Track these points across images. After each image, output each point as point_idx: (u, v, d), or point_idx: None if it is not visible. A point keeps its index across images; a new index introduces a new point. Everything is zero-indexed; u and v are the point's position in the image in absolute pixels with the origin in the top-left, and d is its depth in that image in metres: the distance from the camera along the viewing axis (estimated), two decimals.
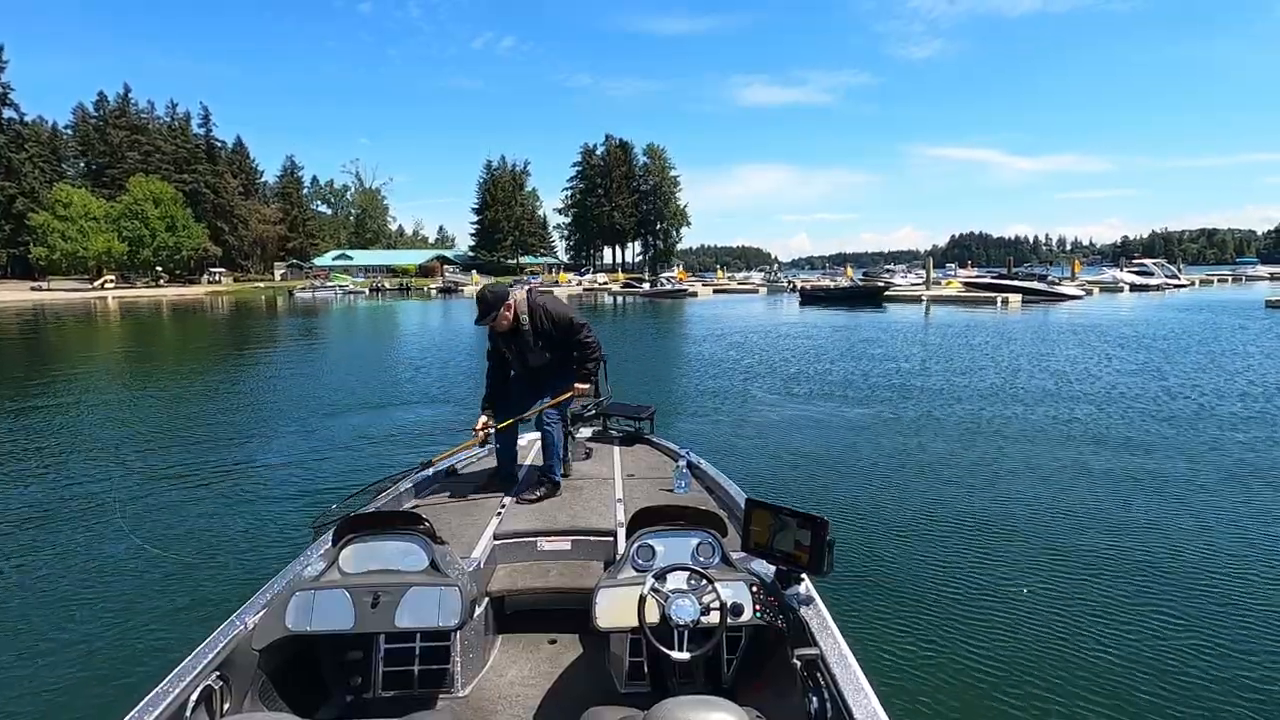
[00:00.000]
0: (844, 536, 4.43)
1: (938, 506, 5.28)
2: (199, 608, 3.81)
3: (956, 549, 4.49)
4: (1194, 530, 4.74)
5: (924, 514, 5.12)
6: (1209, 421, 7.97)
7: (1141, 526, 4.83)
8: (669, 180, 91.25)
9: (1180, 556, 4.32)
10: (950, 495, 5.54)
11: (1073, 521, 4.94)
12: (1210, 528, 4.78)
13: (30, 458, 7.44)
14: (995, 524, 4.91)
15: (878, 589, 3.91)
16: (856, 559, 4.27)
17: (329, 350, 19.50)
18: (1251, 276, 60.25)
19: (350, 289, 62.13)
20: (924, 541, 4.61)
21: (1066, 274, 48.58)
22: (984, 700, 2.93)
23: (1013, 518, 5.03)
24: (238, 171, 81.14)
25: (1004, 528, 4.84)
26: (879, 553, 4.42)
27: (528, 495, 3.40)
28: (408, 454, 7.06)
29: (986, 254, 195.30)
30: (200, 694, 1.80)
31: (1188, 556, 4.32)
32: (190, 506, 5.69)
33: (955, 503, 5.37)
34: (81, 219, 62.09)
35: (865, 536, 4.67)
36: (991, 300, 33.29)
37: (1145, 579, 4.01)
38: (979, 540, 4.62)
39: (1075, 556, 4.34)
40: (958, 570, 4.16)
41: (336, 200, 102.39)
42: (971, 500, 5.42)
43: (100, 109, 73.97)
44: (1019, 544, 4.55)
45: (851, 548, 4.38)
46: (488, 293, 3.41)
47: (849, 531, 4.68)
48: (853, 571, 4.07)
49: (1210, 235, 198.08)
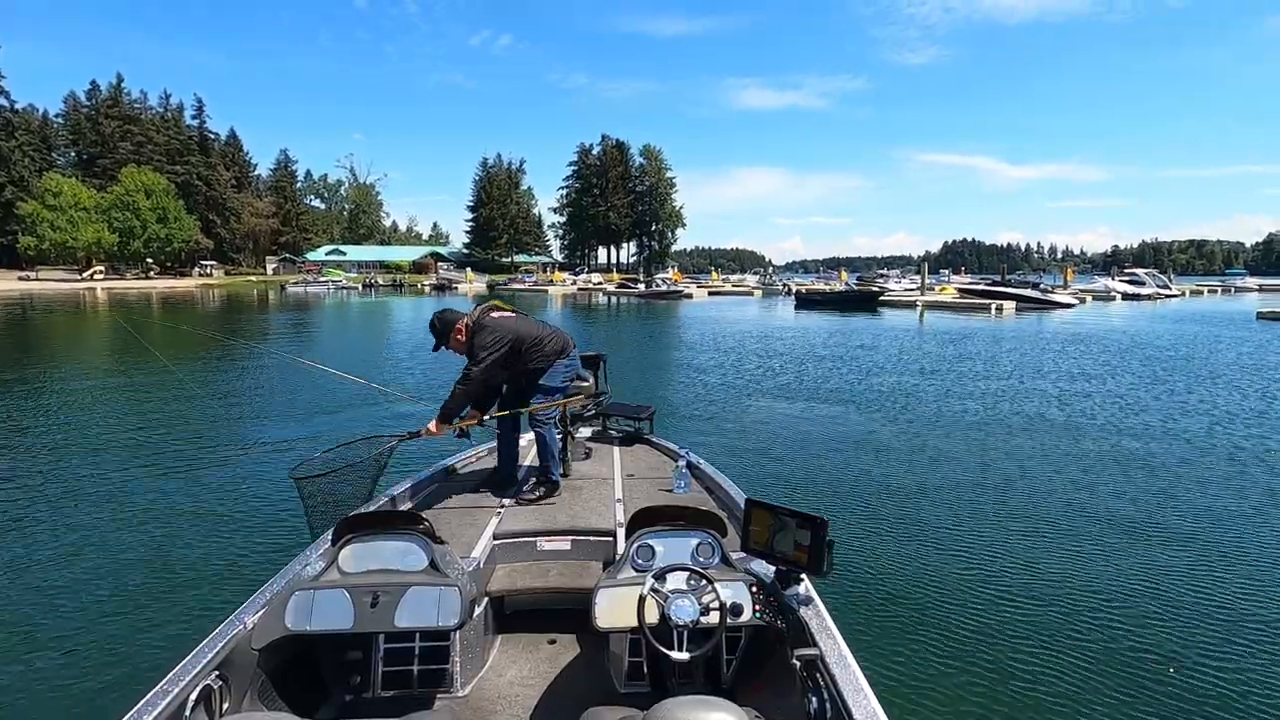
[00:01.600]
0: (844, 537, 4.45)
1: (937, 507, 5.31)
2: (198, 607, 3.80)
3: (956, 549, 4.51)
4: (1197, 530, 4.75)
5: (924, 515, 5.14)
6: (1222, 437, 7.69)
7: (1143, 527, 4.85)
8: (665, 181, 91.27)
9: (1184, 557, 4.33)
10: (950, 497, 5.57)
11: (1074, 523, 4.96)
12: (1216, 532, 4.76)
13: (25, 456, 7.36)
14: (995, 524, 4.94)
15: (878, 589, 3.92)
16: (856, 559, 4.28)
17: (324, 346, 19.39)
18: (1240, 288, 60.90)
19: (343, 284, 61.77)
20: (924, 542, 4.62)
21: (1059, 282, 49.02)
22: (984, 700, 2.94)
23: (1012, 519, 5.06)
24: (231, 164, 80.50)
25: (1004, 528, 4.87)
26: (879, 553, 4.43)
27: (527, 495, 3.39)
28: (409, 455, 7.03)
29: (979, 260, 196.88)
30: (200, 693, 1.79)
31: (1191, 556, 4.33)
32: (189, 505, 5.66)
33: (955, 504, 5.39)
34: (71, 209, 61.38)
35: (865, 537, 4.68)
36: (986, 307, 33.45)
37: (1147, 579, 4.03)
38: (979, 540, 4.65)
39: (1076, 557, 4.35)
40: (958, 570, 4.18)
41: (330, 195, 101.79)
42: (971, 502, 5.45)
43: (92, 98, 73.26)
44: (1019, 544, 4.57)
45: (851, 548, 4.39)
46: (437, 320, 3.42)
47: (849, 532, 4.69)
48: (853, 572, 4.08)
49: (1199, 246, 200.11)
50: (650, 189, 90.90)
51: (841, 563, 3.53)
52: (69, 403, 10.40)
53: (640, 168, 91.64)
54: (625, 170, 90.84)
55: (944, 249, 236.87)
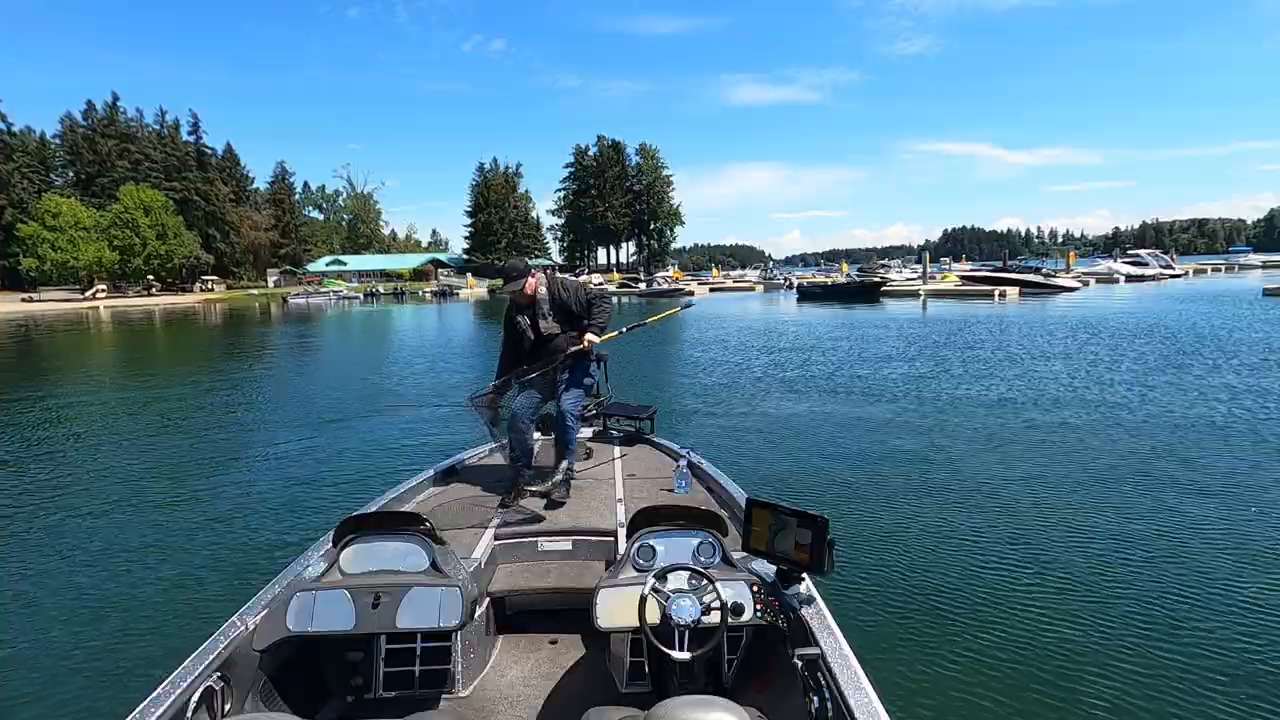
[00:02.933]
0: (845, 536, 4.39)
1: (941, 506, 5.25)
2: (199, 608, 3.82)
3: (958, 548, 4.45)
4: (1208, 529, 4.61)
5: (926, 513, 5.09)
6: (1247, 425, 7.22)
7: (1146, 528, 4.70)
8: (662, 180, 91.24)
9: (1191, 557, 4.20)
10: (952, 495, 5.50)
11: (1082, 520, 4.85)
12: (1229, 528, 4.61)
13: (31, 461, 7.45)
14: (1000, 522, 4.87)
15: (879, 589, 3.89)
16: (857, 559, 4.24)
17: (326, 356, 19.44)
18: (1244, 265, 60.50)
19: (344, 294, 61.90)
20: (926, 541, 4.58)
21: (1060, 266, 48.77)
22: (985, 700, 2.91)
23: (1018, 516, 4.98)
24: (228, 178, 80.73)
25: (1009, 526, 4.80)
26: (880, 552, 4.39)
27: (533, 492, 3.42)
28: (409, 456, 7.07)
29: (978, 247, 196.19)
30: (201, 695, 1.79)
31: (1199, 557, 4.19)
32: (191, 507, 5.69)
33: (957, 503, 5.33)
34: (71, 229, 61.68)
35: (866, 536, 4.65)
36: (989, 294, 33.23)
37: (1149, 580, 3.94)
38: (983, 539, 4.59)
39: (1084, 554, 4.29)
40: (959, 570, 4.13)
41: (329, 205, 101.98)
42: (976, 499, 5.37)
43: (89, 118, 73.50)
44: (1025, 542, 4.52)
45: (852, 547, 4.36)
46: (519, 262, 3.73)
47: (850, 531, 4.65)
48: (853, 571, 4.05)
49: (1201, 225, 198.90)
50: (648, 188, 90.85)
51: (843, 562, 3.49)
52: (73, 411, 10.49)
53: (637, 167, 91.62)
54: (622, 170, 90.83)
55: (943, 237, 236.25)
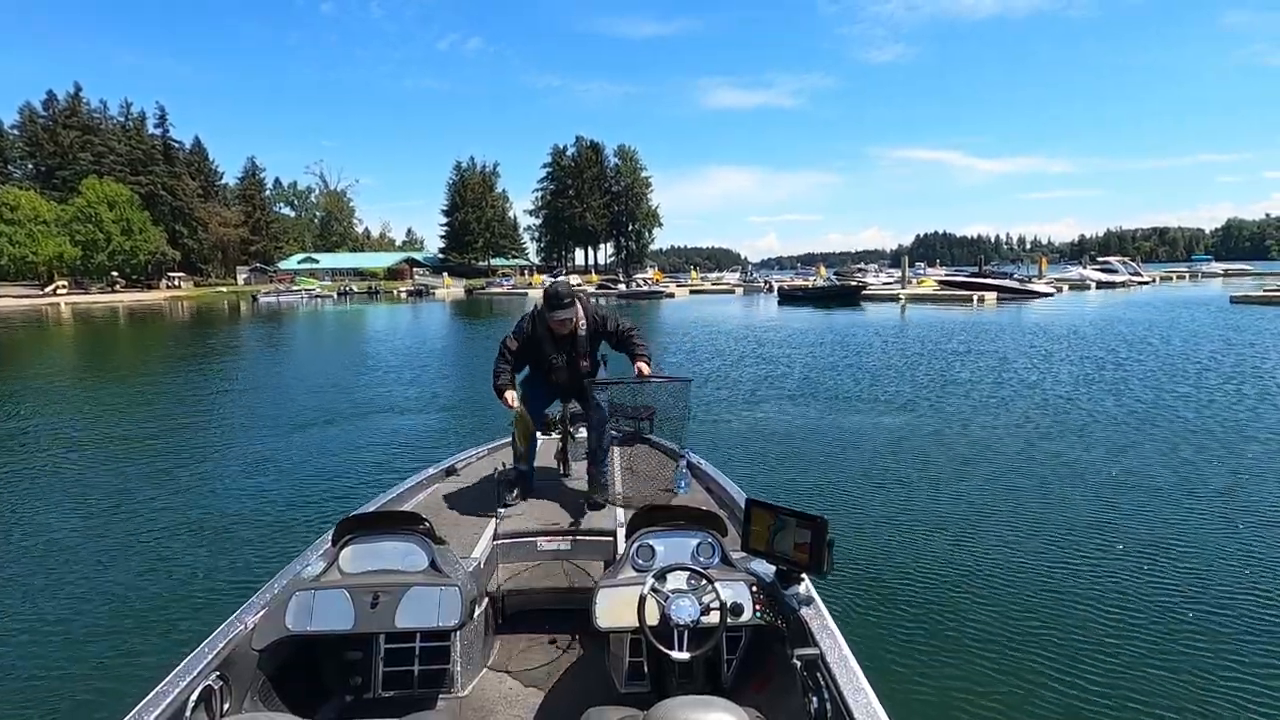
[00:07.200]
0: (844, 537, 4.42)
1: (939, 506, 5.30)
2: (199, 608, 3.79)
3: (957, 548, 4.50)
4: (1208, 529, 4.65)
5: (924, 514, 5.13)
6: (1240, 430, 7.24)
7: (1146, 527, 4.75)
8: (640, 181, 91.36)
9: (1191, 557, 4.26)
10: (952, 496, 5.54)
11: (1076, 521, 4.91)
12: (1219, 528, 4.66)
13: (29, 459, 7.37)
14: (996, 523, 4.91)
15: (878, 589, 3.92)
16: (856, 559, 4.27)
17: (304, 356, 19.15)
18: (1206, 273, 62.48)
19: (317, 293, 60.87)
20: (924, 541, 4.62)
21: (1032, 272, 49.89)
22: (984, 700, 2.94)
23: (1014, 517, 5.03)
24: (196, 173, 78.73)
25: (1006, 526, 4.85)
26: (879, 553, 4.42)
27: (532, 492, 3.42)
28: (408, 455, 7.06)
29: (950, 253, 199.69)
30: (200, 694, 1.78)
31: (1199, 557, 4.25)
32: (189, 507, 5.63)
33: (955, 502, 5.37)
34: (30, 223, 59.63)
35: (865, 536, 4.68)
36: (968, 299, 33.91)
37: (1149, 580, 3.99)
38: (979, 540, 4.63)
39: (1080, 555, 4.33)
40: (958, 570, 4.17)
41: (300, 202, 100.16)
42: (972, 500, 5.43)
43: (49, 108, 71.06)
44: (1022, 542, 4.57)
45: (851, 548, 4.38)
46: (563, 288, 3.22)
47: (849, 532, 4.68)
48: (853, 571, 4.07)
49: (1162, 234, 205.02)
50: (626, 189, 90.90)
51: (842, 562, 3.52)
52: (65, 410, 10.32)
53: (615, 168, 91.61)
54: (600, 171, 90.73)
55: (916, 242, 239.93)
